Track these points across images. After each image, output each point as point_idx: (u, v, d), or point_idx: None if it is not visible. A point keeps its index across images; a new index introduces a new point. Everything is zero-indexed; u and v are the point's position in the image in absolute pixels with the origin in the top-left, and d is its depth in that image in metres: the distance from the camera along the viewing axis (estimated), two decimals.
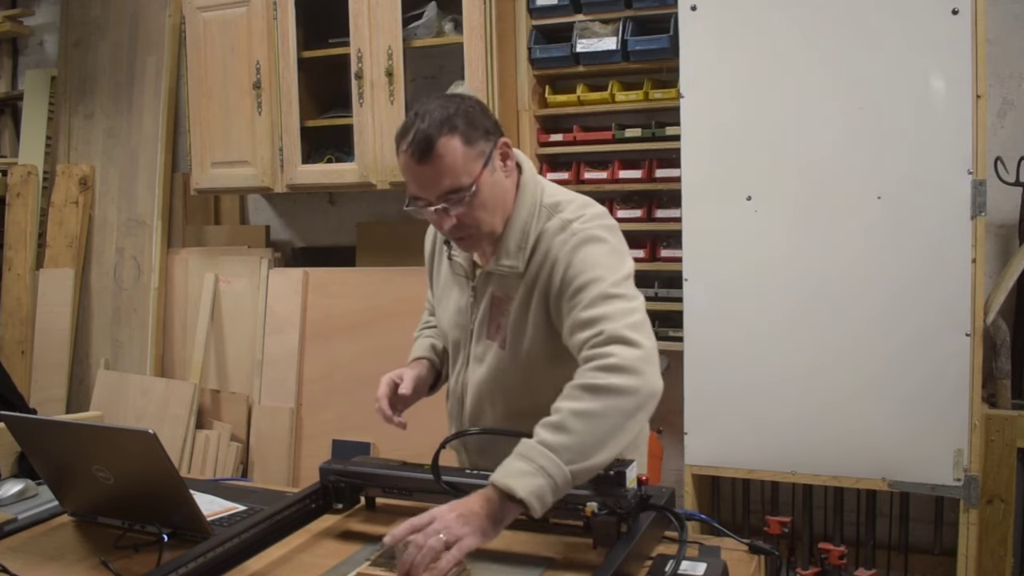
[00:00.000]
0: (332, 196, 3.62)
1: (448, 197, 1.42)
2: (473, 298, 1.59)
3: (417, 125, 1.40)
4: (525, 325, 1.51)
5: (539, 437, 1.27)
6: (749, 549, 1.37)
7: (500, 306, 1.54)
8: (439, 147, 1.39)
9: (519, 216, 1.51)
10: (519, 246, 1.50)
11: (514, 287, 1.52)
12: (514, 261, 1.50)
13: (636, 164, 2.94)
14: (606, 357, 1.32)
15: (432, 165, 1.40)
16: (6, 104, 4.29)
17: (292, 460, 3.37)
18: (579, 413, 1.28)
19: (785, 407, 2.49)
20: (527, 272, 1.50)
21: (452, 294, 1.65)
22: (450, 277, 1.66)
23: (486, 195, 1.44)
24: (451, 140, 1.39)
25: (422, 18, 3.05)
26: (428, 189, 1.42)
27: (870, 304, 2.40)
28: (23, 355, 3.94)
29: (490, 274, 1.55)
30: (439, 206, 1.42)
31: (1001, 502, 2.42)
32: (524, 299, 1.50)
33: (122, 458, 1.45)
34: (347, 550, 1.43)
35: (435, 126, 1.39)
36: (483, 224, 1.46)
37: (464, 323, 1.61)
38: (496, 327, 1.55)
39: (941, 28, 2.28)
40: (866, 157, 2.38)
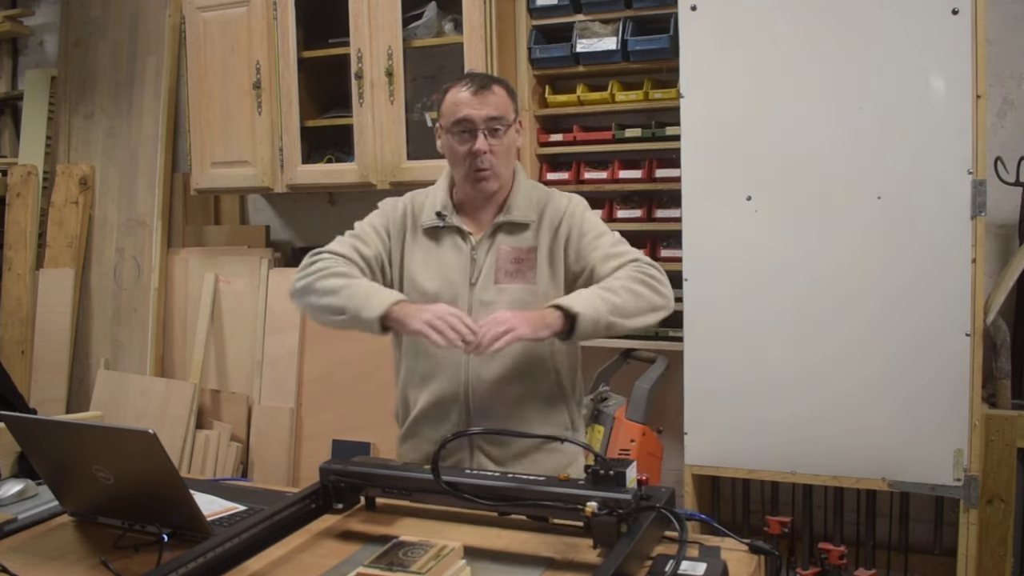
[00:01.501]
0: (332, 196, 3.62)
1: (493, 122, 1.75)
2: (474, 255, 1.80)
3: (473, 76, 1.81)
4: (550, 263, 1.80)
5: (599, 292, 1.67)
6: (749, 549, 1.37)
7: (510, 254, 1.80)
8: (495, 87, 1.78)
9: (521, 182, 1.86)
10: (527, 204, 1.83)
11: (528, 237, 1.81)
12: (526, 213, 1.82)
13: (636, 164, 2.94)
14: (650, 269, 1.75)
15: (486, 96, 1.76)
16: (6, 104, 4.29)
17: (292, 460, 3.37)
18: (630, 290, 1.69)
19: (785, 407, 2.49)
20: (542, 224, 1.81)
21: (440, 258, 1.82)
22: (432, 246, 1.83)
23: (509, 141, 1.79)
24: (502, 89, 1.80)
25: (422, 18, 3.05)
26: (479, 112, 1.74)
27: (870, 304, 2.40)
28: (23, 355, 3.94)
29: (500, 226, 1.81)
30: (483, 128, 1.74)
31: (1001, 502, 2.42)
32: (548, 244, 1.81)
33: (122, 458, 1.45)
34: (347, 550, 1.43)
35: (493, 78, 1.84)
36: (502, 164, 1.78)
37: (460, 279, 1.80)
38: (505, 272, 1.79)
39: (941, 28, 2.28)
40: (866, 157, 2.38)
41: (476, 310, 1.76)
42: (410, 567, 1.21)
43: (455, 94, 1.77)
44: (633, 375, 2.83)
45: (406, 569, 1.21)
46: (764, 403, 2.51)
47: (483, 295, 1.78)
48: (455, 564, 1.26)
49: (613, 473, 1.36)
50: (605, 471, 1.37)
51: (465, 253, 1.81)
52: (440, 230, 1.83)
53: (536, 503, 1.40)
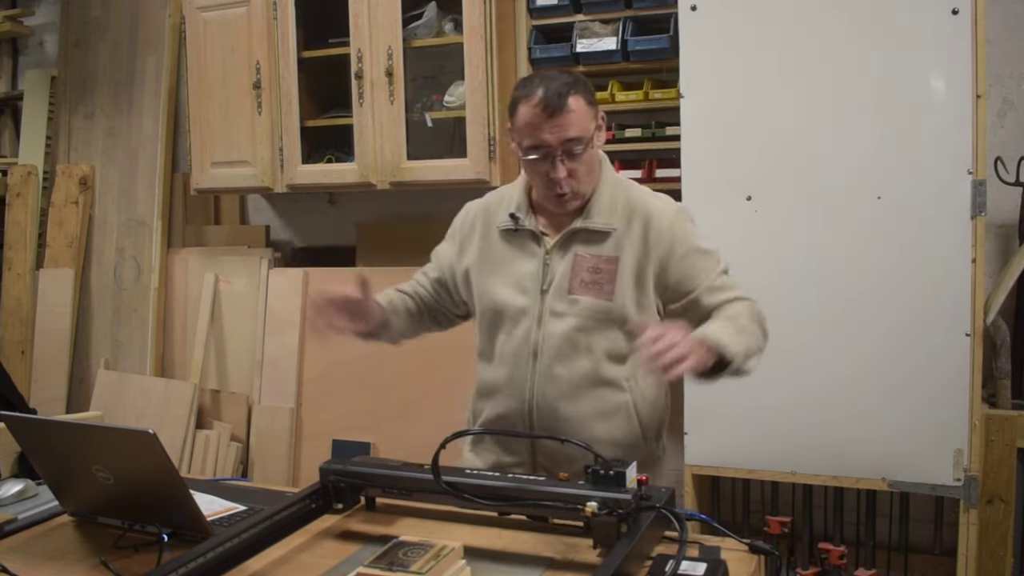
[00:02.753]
0: (332, 196, 3.62)
1: (570, 145, 1.60)
2: (548, 259, 1.69)
3: (546, 85, 1.60)
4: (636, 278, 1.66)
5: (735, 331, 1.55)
6: (749, 549, 1.37)
7: (587, 263, 1.67)
8: (570, 102, 1.59)
9: (607, 183, 1.71)
10: (611, 208, 1.68)
11: (609, 246, 1.67)
12: (608, 219, 1.68)
13: (636, 164, 2.94)
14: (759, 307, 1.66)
15: (563, 116, 1.59)
16: (6, 104, 4.29)
17: (292, 460, 3.37)
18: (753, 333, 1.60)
19: (785, 407, 2.49)
20: (629, 233, 1.67)
21: (513, 264, 1.73)
22: (507, 250, 1.74)
23: (591, 154, 1.65)
24: (578, 99, 1.61)
25: (422, 18, 3.05)
26: (555, 136, 1.59)
27: (869, 304, 2.40)
28: (23, 355, 3.94)
29: (575, 233, 1.68)
30: (560, 153, 1.60)
31: (1001, 502, 2.42)
32: (635, 256, 1.66)
33: (122, 458, 1.45)
34: (347, 550, 1.43)
35: (566, 85, 1.61)
36: (584, 179, 1.65)
37: (532, 286, 1.70)
38: (582, 282, 1.66)
39: (941, 28, 2.28)
40: (866, 157, 2.38)
41: (547, 321, 1.68)
42: (410, 567, 1.21)
43: (528, 111, 1.60)
44: None
45: (406, 569, 1.21)
46: (764, 403, 2.50)
47: (555, 305, 1.68)
48: (455, 564, 1.26)
49: (613, 473, 1.36)
50: (605, 471, 1.37)
51: (538, 258, 1.71)
52: (514, 233, 1.73)
53: (536, 503, 1.40)
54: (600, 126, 1.68)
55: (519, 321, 1.71)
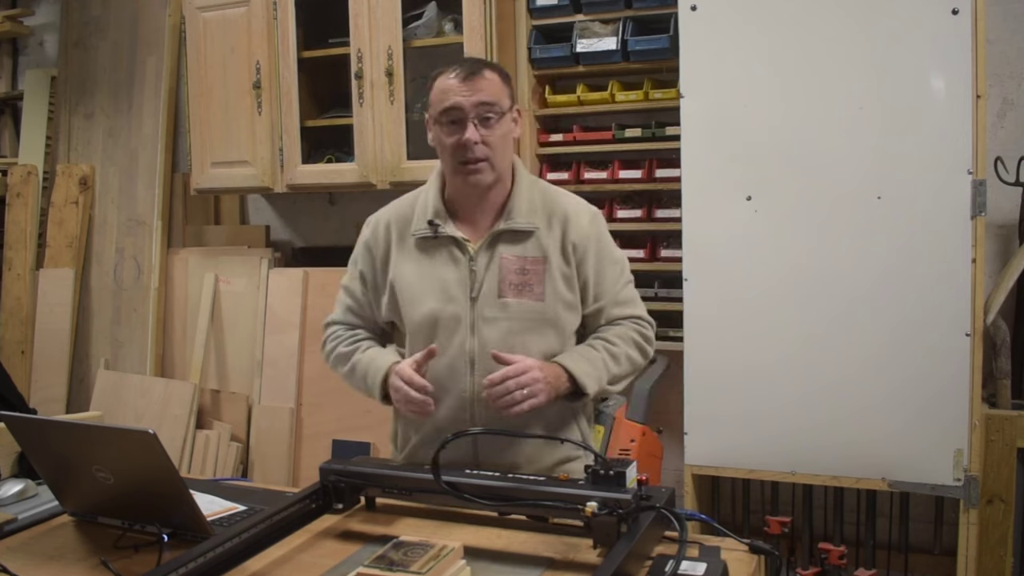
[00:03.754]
0: (332, 196, 3.62)
1: (484, 109, 1.62)
2: (473, 266, 1.67)
3: (467, 60, 1.71)
4: (564, 277, 1.68)
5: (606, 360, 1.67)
6: (749, 549, 1.37)
7: (514, 264, 1.67)
8: (486, 72, 1.65)
9: (523, 184, 1.73)
10: (530, 208, 1.69)
11: (533, 246, 1.68)
12: (529, 219, 1.69)
13: (636, 164, 2.94)
14: (648, 331, 1.77)
15: (477, 82, 1.63)
16: (6, 104, 4.29)
17: (292, 460, 3.37)
18: (629, 358, 1.71)
19: (785, 407, 2.49)
20: (551, 231, 1.69)
21: (437, 271, 1.69)
22: (426, 259, 1.70)
23: (504, 131, 1.66)
24: (494, 74, 1.66)
25: (422, 18, 3.05)
26: (470, 98, 1.62)
27: (869, 304, 2.40)
28: (23, 355, 3.94)
29: (500, 234, 1.68)
30: (473, 116, 1.61)
31: (1001, 502, 2.42)
32: (559, 255, 1.68)
33: (122, 458, 1.45)
34: (347, 550, 1.43)
35: (483, 62, 1.70)
36: (497, 153, 1.65)
37: (460, 293, 1.67)
38: (510, 285, 1.66)
39: (941, 28, 2.27)
40: (866, 157, 2.38)
41: (480, 328, 1.65)
42: (410, 567, 1.21)
43: (443, 81, 1.64)
44: None
45: (406, 569, 1.21)
46: (764, 403, 2.51)
47: (485, 311, 1.66)
48: (455, 564, 1.26)
49: (613, 473, 1.36)
50: (605, 471, 1.37)
51: (463, 265, 1.68)
52: (433, 240, 1.70)
53: (536, 503, 1.40)
54: (517, 118, 1.70)
55: (452, 331, 1.67)
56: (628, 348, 1.71)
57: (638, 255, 2.89)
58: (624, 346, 1.71)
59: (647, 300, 2.89)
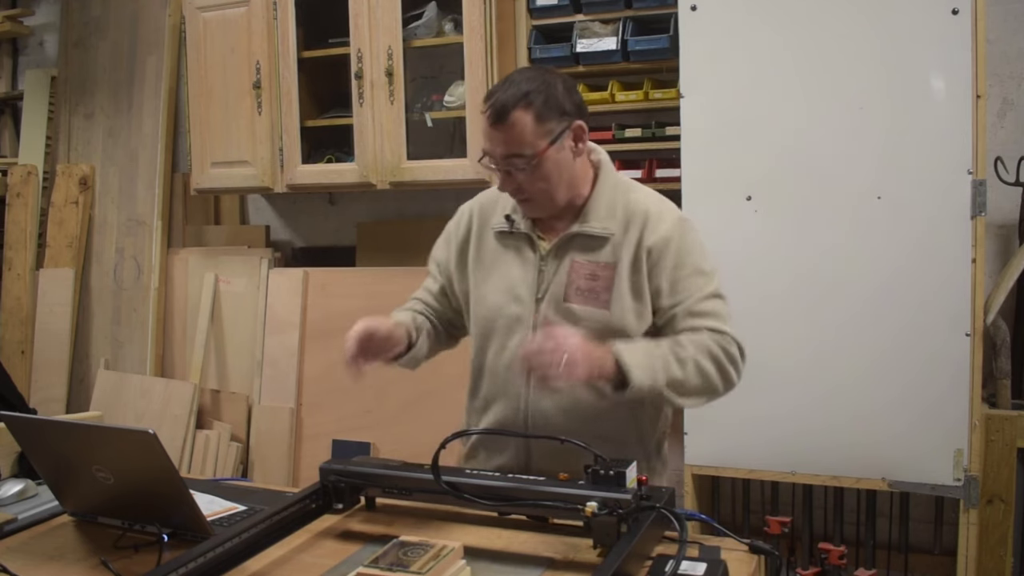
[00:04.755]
0: (332, 196, 3.62)
1: (510, 161, 1.54)
2: (543, 265, 1.62)
3: (500, 92, 1.54)
4: (634, 288, 1.59)
5: (667, 358, 1.51)
6: (749, 549, 1.37)
7: (584, 269, 1.60)
8: (512, 117, 1.52)
9: (606, 186, 1.64)
10: (609, 211, 1.61)
11: (607, 252, 1.60)
12: (606, 224, 1.60)
13: (636, 164, 2.94)
14: (732, 348, 1.59)
15: (503, 130, 1.53)
16: (6, 104, 4.29)
17: (292, 460, 3.37)
18: (699, 367, 1.53)
19: (785, 406, 2.49)
20: (626, 238, 1.59)
21: (507, 268, 1.65)
22: (500, 251, 1.67)
23: (549, 168, 1.55)
24: (524, 114, 1.52)
25: (422, 18, 3.05)
26: (496, 149, 1.55)
27: (870, 304, 2.40)
28: (23, 355, 3.94)
29: (574, 237, 1.61)
30: (504, 165, 1.55)
31: (1001, 502, 2.42)
32: (630, 263, 1.59)
33: (122, 458, 1.45)
34: (347, 550, 1.43)
35: (514, 98, 1.52)
36: (542, 193, 1.57)
37: (526, 294, 1.62)
38: (578, 290, 1.59)
39: (941, 28, 2.28)
40: (866, 157, 2.38)
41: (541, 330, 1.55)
42: (410, 567, 1.21)
43: (483, 115, 1.56)
44: None
45: (406, 569, 1.21)
46: (764, 403, 2.50)
47: (549, 314, 1.59)
48: (455, 564, 1.26)
49: (613, 473, 1.36)
50: (605, 471, 1.37)
51: (532, 264, 1.63)
52: (509, 235, 1.66)
53: (536, 503, 1.40)
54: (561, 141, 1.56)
55: (513, 331, 1.63)
56: (700, 356, 1.53)
57: None
58: (695, 351, 1.53)
59: None
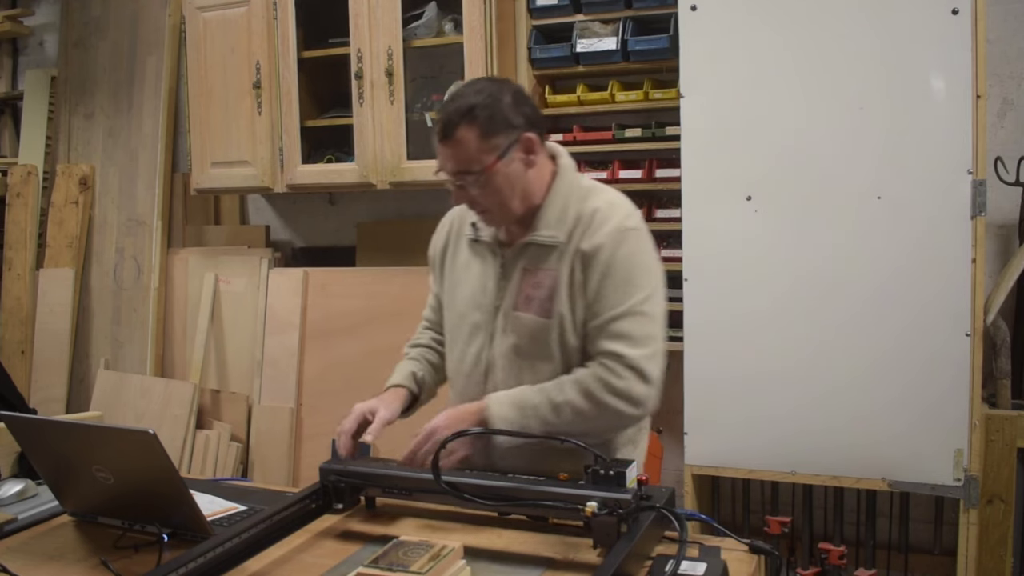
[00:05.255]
0: (332, 196, 3.62)
1: (460, 177, 1.55)
2: (502, 273, 1.64)
3: (447, 107, 1.55)
4: (571, 295, 1.58)
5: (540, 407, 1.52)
6: (749, 549, 1.37)
7: (532, 277, 1.61)
8: (457, 134, 1.52)
9: (558, 194, 1.62)
10: (559, 219, 1.60)
11: (553, 259, 1.59)
12: (555, 232, 1.60)
13: (636, 164, 2.94)
14: (621, 379, 1.52)
15: (450, 147, 1.53)
16: (6, 104, 4.29)
17: (292, 460, 3.37)
18: (577, 411, 1.52)
19: (785, 407, 2.49)
20: (569, 245, 1.58)
21: (472, 275, 1.68)
22: (471, 259, 1.70)
23: (499, 182, 1.55)
24: (468, 131, 1.52)
25: (422, 18, 3.05)
26: (445, 165, 1.57)
27: (869, 304, 2.40)
28: (23, 355, 3.94)
29: (526, 246, 1.62)
30: (455, 181, 1.56)
31: (1001, 502, 2.42)
32: (569, 270, 1.58)
33: (122, 458, 1.45)
34: (347, 550, 1.43)
35: (459, 114, 1.52)
36: (496, 206, 1.58)
37: (487, 302, 1.65)
38: (526, 298, 1.61)
39: (941, 28, 2.27)
40: (866, 157, 2.38)
41: (496, 338, 1.63)
42: (410, 567, 1.21)
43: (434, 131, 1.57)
44: None
45: (406, 569, 1.21)
46: (764, 403, 2.51)
47: (502, 322, 1.62)
48: (455, 564, 1.26)
49: (613, 473, 1.36)
50: (605, 471, 1.37)
51: (494, 272, 1.65)
52: (476, 243, 1.69)
53: (536, 503, 1.40)
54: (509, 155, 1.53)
55: (474, 338, 1.66)
56: (576, 398, 1.52)
57: None
58: (572, 394, 1.52)
59: None
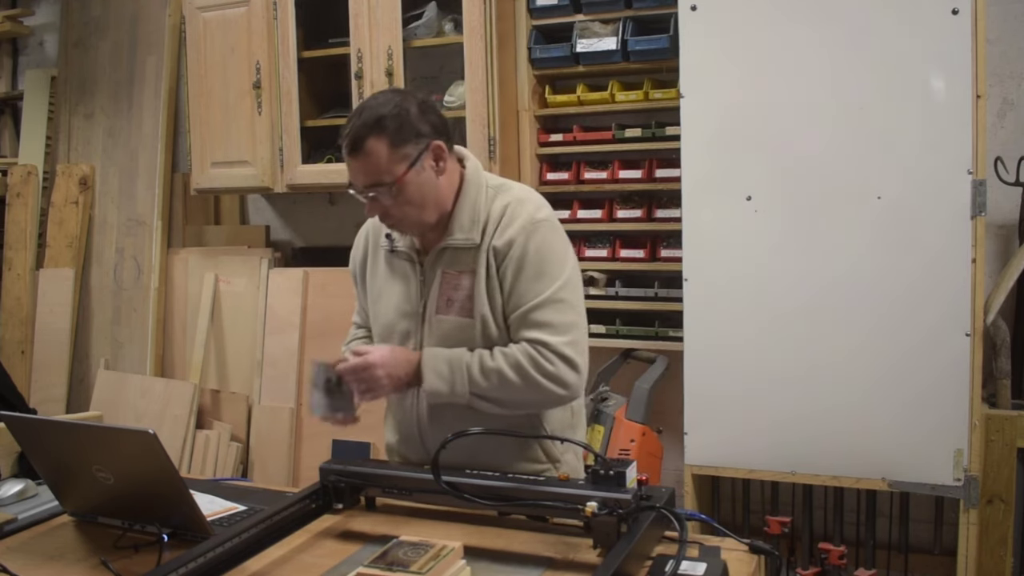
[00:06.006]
0: (332, 196, 3.62)
1: (372, 189, 1.55)
2: (423, 280, 1.66)
3: (354, 121, 1.54)
4: (489, 292, 1.60)
5: (473, 369, 1.56)
6: (749, 549, 1.37)
7: (451, 280, 1.63)
8: (366, 146, 1.52)
9: (468, 197, 1.63)
10: (472, 220, 1.62)
11: (469, 260, 1.62)
12: (468, 235, 1.62)
13: (636, 164, 2.94)
14: (551, 364, 1.55)
15: (359, 160, 1.54)
16: (6, 104, 4.29)
17: (292, 460, 3.37)
18: (505, 380, 1.55)
19: (785, 407, 2.49)
20: (483, 244, 1.61)
21: (395, 286, 1.70)
22: (390, 271, 1.72)
23: (412, 192, 1.56)
24: (378, 142, 1.52)
25: (422, 18, 3.05)
26: (356, 179, 1.57)
27: (870, 304, 2.40)
28: (23, 355, 3.94)
29: (443, 251, 1.63)
30: (365, 193, 1.56)
31: (1001, 502, 2.42)
32: (485, 269, 1.60)
33: (122, 458, 1.45)
34: (347, 550, 1.43)
35: (366, 127, 1.53)
36: (409, 216, 1.59)
37: (413, 309, 1.67)
38: (447, 301, 1.63)
39: (941, 28, 2.27)
40: (866, 157, 2.38)
41: (425, 344, 1.64)
42: (410, 567, 1.21)
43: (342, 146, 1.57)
44: (633, 375, 2.83)
45: (406, 569, 1.21)
46: (764, 403, 2.51)
47: (428, 327, 1.65)
48: (455, 564, 1.26)
49: (613, 473, 1.36)
50: (605, 471, 1.37)
51: (414, 280, 1.67)
52: (392, 254, 1.70)
53: (536, 503, 1.40)
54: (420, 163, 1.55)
55: (404, 346, 1.67)
56: (506, 367, 1.54)
57: (638, 255, 2.89)
58: (502, 363, 1.55)
59: (647, 300, 2.95)
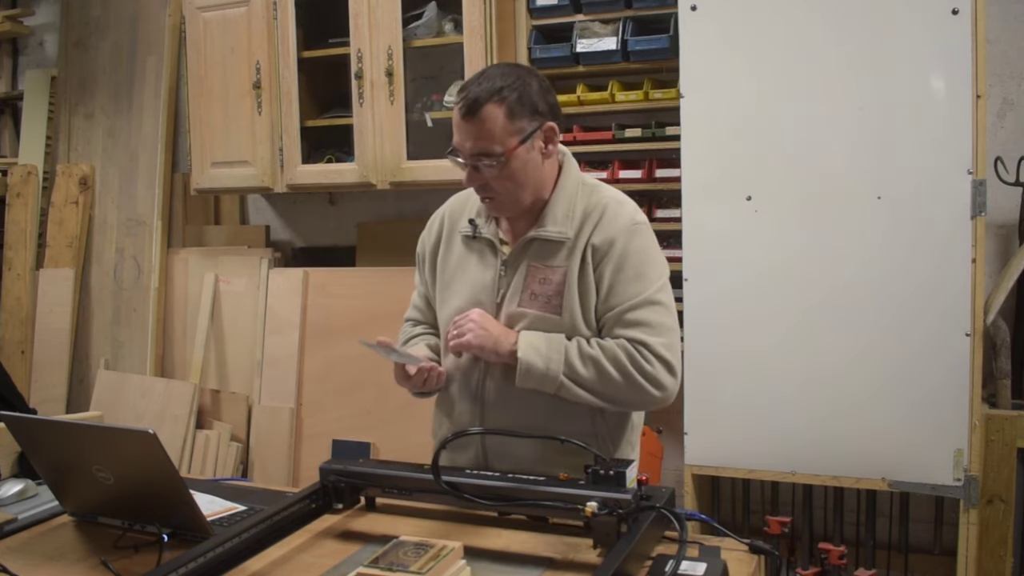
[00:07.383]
0: (332, 196, 3.62)
1: (479, 158, 1.53)
2: (504, 270, 1.63)
3: (474, 85, 1.53)
4: (582, 289, 1.58)
5: (571, 352, 1.54)
6: (749, 549, 1.37)
7: (538, 274, 1.60)
8: (483, 112, 1.51)
9: (565, 189, 1.62)
10: (566, 215, 1.60)
11: (559, 255, 1.59)
12: (562, 228, 1.60)
13: (636, 164, 2.94)
14: (649, 363, 1.54)
15: (474, 124, 1.51)
16: (6, 104, 4.29)
17: (292, 460, 3.37)
18: (602, 371, 1.53)
19: (785, 407, 2.49)
20: (577, 242, 1.59)
21: (469, 273, 1.67)
22: (466, 257, 1.68)
23: (516, 168, 1.54)
24: (496, 109, 1.51)
25: (422, 18, 3.05)
26: (464, 144, 1.54)
27: (870, 304, 2.40)
28: (23, 355, 3.94)
29: (531, 241, 1.61)
30: (471, 161, 1.54)
31: (1001, 502, 2.42)
32: (579, 267, 1.58)
33: (122, 458, 1.45)
34: (347, 550, 1.43)
35: (487, 92, 1.51)
36: (508, 192, 1.57)
37: (488, 299, 1.63)
38: (531, 295, 1.60)
39: (941, 28, 2.28)
40: (866, 157, 2.38)
41: None
42: (410, 567, 1.21)
43: (455, 110, 1.55)
44: None
45: (406, 569, 1.21)
46: (764, 403, 2.51)
47: (505, 319, 1.61)
48: (455, 564, 1.26)
49: (613, 473, 1.36)
50: (605, 471, 1.37)
51: (493, 269, 1.64)
52: (473, 240, 1.67)
53: (536, 503, 1.40)
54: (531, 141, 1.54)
55: None
56: (604, 359, 1.53)
57: None
58: (600, 353, 1.54)
59: None
